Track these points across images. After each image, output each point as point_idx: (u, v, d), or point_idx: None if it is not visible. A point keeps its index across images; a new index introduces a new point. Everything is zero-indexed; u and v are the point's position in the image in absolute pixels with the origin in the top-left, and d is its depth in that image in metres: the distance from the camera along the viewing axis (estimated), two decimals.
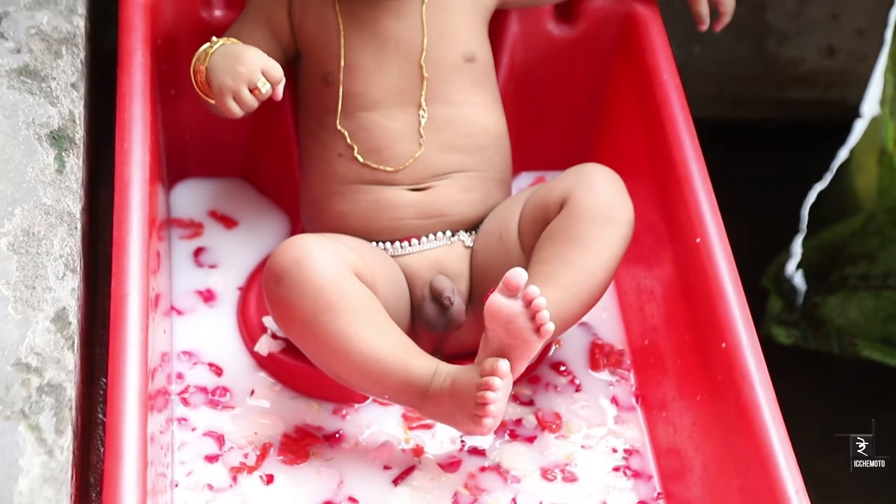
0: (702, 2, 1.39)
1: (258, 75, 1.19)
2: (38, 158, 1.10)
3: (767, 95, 1.89)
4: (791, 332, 1.68)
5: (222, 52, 1.22)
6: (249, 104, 1.19)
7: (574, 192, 1.21)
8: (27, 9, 1.21)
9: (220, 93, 1.20)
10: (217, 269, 1.39)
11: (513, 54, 1.45)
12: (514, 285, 1.11)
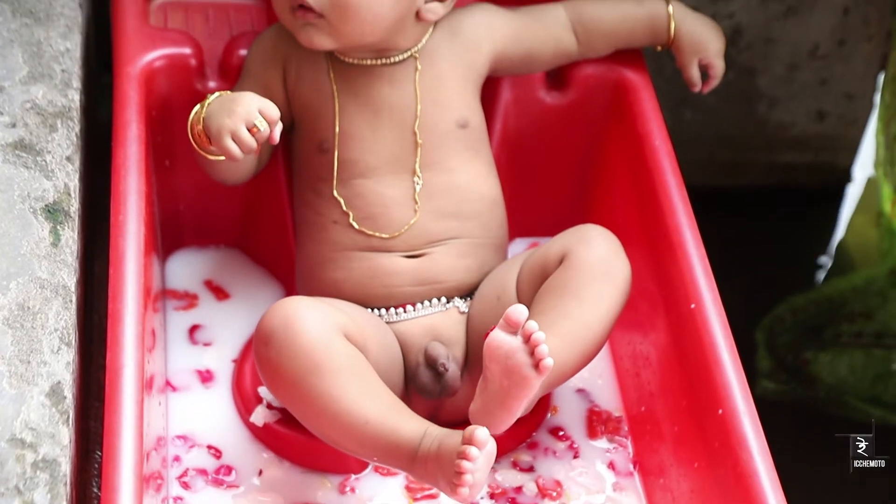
0: (693, 67, 1.41)
1: (255, 114, 1.19)
2: (33, 232, 1.10)
3: (758, 159, 1.90)
4: (781, 387, 1.67)
5: (218, 100, 1.22)
6: (248, 144, 1.19)
7: (573, 249, 1.22)
8: (22, 83, 1.22)
9: (219, 134, 1.20)
10: (212, 347, 1.38)
11: (505, 121, 1.46)
12: (514, 321, 1.11)
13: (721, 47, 1.41)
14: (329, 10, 1.23)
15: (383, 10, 1.24)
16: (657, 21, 1.39)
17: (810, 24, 1.74)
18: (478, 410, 1.15)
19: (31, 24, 1.28)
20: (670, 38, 1.40)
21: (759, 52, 1.76)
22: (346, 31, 1.24)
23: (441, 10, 1.28)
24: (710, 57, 1.40)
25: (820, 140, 1.89)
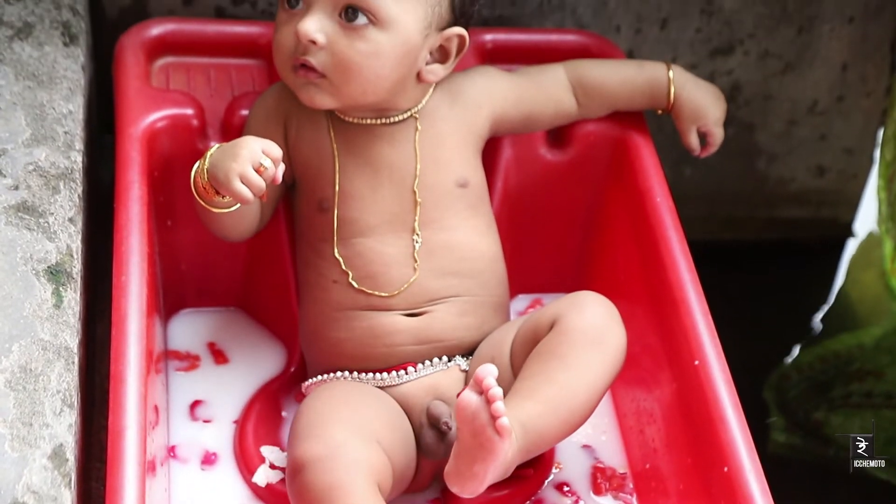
0: (692, 134, 1.41)
1: (260, 154, 1.19)
2: (35, 294, 1.10)
3: (759, 215, 1.90)
4: (794, 444, 1.66)
5: (218, 150, 1.22)
6: (258, 184, 1.19)
7: (565, 314, 1.21)
8: (25, 145, 1.22)
9: (227, 179, 1.19)
10: (213, 423, 1.36)
11: (506, 178, 1.46)
12: (479, 378, 1.11)
13: (721, 116, 1.41)
14: (331, 71, 1.23)
15: (385, 72, 1.24)
16: (657, 86, 1.40)
17: (809, 80, 1.75)
18: (450, 472, 1.15)
19: (34, 86, 1.28)
20: (670, 104, 1.40)
21: (758, 108, 1.77)
22: (347, 91, 1.25)
23: (442, 71, 1.29)
24: (709, 125, 1.41)
25: (820, 195, 1.89)
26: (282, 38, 1.25)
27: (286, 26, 1.24)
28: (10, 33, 1.33)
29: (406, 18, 1.23)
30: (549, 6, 1.61)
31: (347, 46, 1.22)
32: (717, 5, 1.65)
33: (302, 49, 1.22)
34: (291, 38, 1.23)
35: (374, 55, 1.23)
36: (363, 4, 1.21)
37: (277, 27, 1.26)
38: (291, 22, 1.23)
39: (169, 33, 1.44)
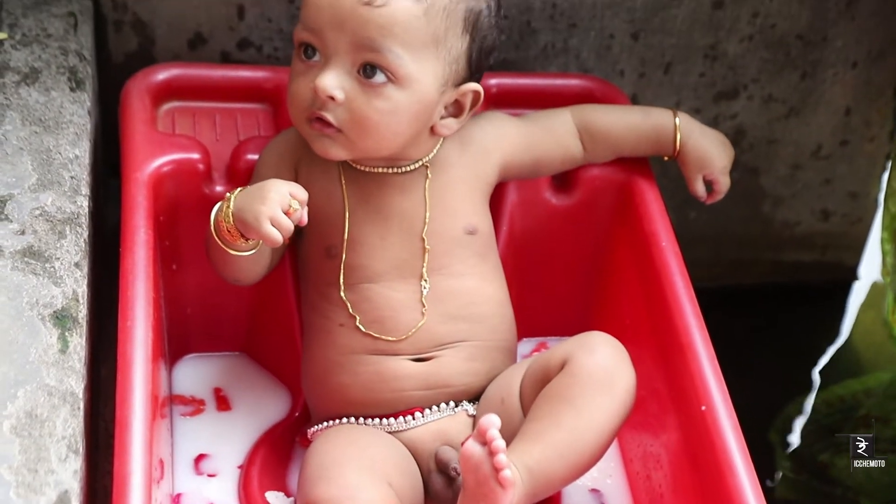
0: (697, 182, 1.42)
1: (288, 196, 1.19)
2: (41, 339, 1.10)
3: (764, 258, 1.90)
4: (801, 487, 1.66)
5: (244, 193, 1.22)
6: (287, 227, 1.19)
7: (575, 356, 1.21)
8: (31, 190, 1.22)
9: (257, 222, 1.18)
10: (216, 479, 1.36)
11: (512, 223, 1.46)
12: (483, 429, 1.10)
13: (727, 164, 1.41)
14: (348, 126, 1.23)
15: (401, 128, 1.24)
16: (663, 133, 1.40)
17: (812, 124, 1.76)
18: None
19: (40, 131, 1.29)
20: (676, 151, 1.40)
21: (762, 152, 1.77)
22: (363, 145, 1.25)
23: (455, 125, 1.29)
24: (714, 173, 1.41)
25: (825, 238, 1.89)
26: (298, 90, 1.24)
27: (303, 78, 1.24)
28: (17, 78, 1.34)
29: (424, 77, 1.23)
30: (553, 50, 1.61)
31: (365, 104, 1.22)
32: (721, 50, 1.65)
33: (319, 104, 1.22)
34: (308, 90, 1.23)
35: (392, 113, 1.23)
36: (383, 63, 1.21)
37: (293, 77, 1.25)
38: (308, 74, 1.23)
39: (174, 78, 1.44)
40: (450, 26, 1.23)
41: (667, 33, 1.63)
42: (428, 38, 1.21)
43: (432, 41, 1.22)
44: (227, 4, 1.52)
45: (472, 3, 1.24)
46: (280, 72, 1.48)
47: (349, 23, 1.19)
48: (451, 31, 1.23)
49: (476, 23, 1.25)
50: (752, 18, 1.63)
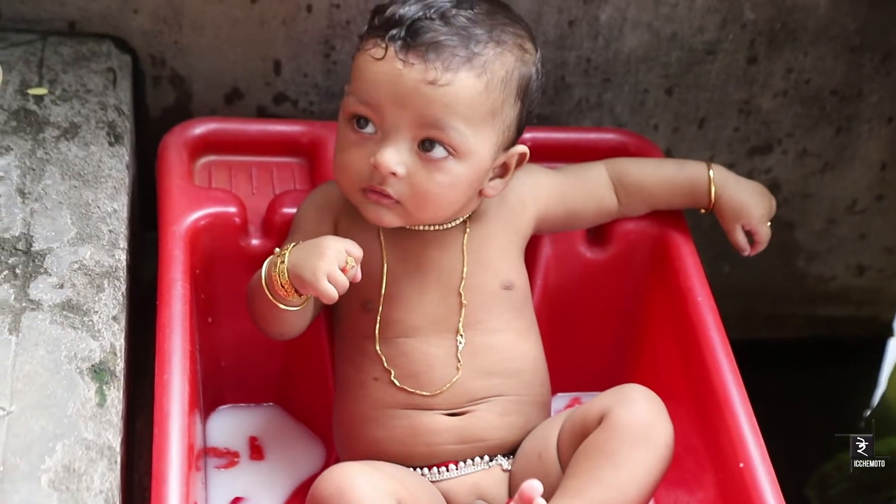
0: (737, 233, 1.41)
1: (345, 254, 1.19)
2: (79, 393, 1.10)
3: (799, 313, 1.89)
4: None
5: (300, 249, 1.21)
6: (344, 284, 1.18)
7: (613, 409, 1.20)
8: (70, 244, 1.23)
9: (314, 278, 1.18)
10: None
11: (546, 277, 1.46)
12: (527, 496, 1.10)
13: (765, 213, 1.41)
14: (408, 199, 1.23)
15: (458, 197, 1.25)
16: (698, 186, 1.40)
17: (848, 179, 1.75)
18: None
19: (79, 186, 1.30)
20: (711, 203, 1.40)
21: (797, 206, 1.77)
22: (419, 216, 1.25)
23: (501, 186, 1.29)
24: (752, 223, 1.40)
25: (860, 294, 1.88)
26: (352, 161, 1.23)
27: (357, 149, 1.23)
28: (56, 133, 1.35)
29: (482, 148, 1.23)
30: (587, 105, 1.62)
31: (427, 179, 1.22)
32: (755, 105, 1.66)
33: (379, 178, 1.22)
34: (364, 164, 1.22)
35: (452, 185, 1.23)
36: (445, 139, 1.21)
37: (345, 146, 1.24)
38: (363, 146, 1.22)
39: (211, 132, 1.45)
40: (506, 97, 1.23)
41: (701, 88, 1.63)
42: (487, 111, 1.22)
43: (490, 113, 1.22)
44: (263, 59, 1.53)
45: (524, 70, 1.25)
46: (316, 126, 1.49)
47: (412, 101, 1.19)
48: (506, 101, 1.24)
49: (527, 88, 1.26)
50: (786, 73, 1.63)
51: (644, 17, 1.55)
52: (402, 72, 1.19)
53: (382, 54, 1.20)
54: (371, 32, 1.23)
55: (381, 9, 1.23)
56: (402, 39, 1.19)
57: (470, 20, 1.21)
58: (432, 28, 1.19)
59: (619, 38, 1.57)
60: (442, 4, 1.21)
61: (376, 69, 1.20)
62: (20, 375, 1.10)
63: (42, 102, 1.39)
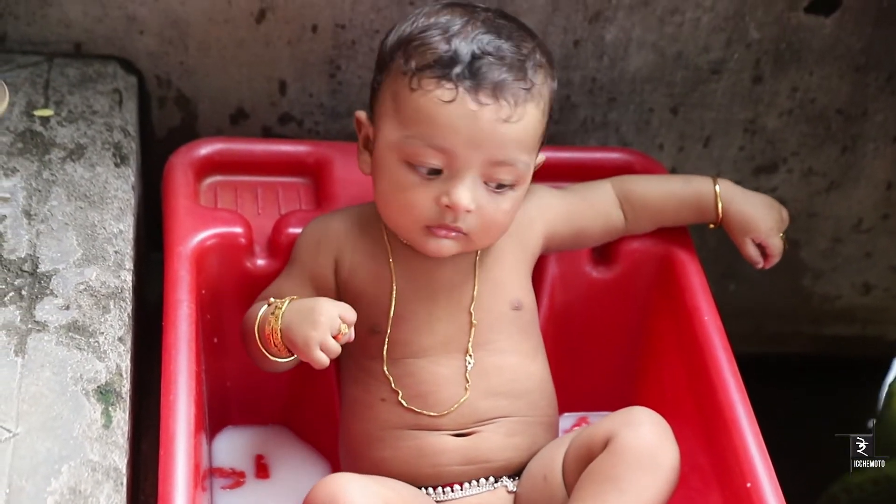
0: (749, 247, 1.41)
1: (338, 321, 1.19)
2: (85, 414, 1.10)
3: (804, 332, 1.89)
4: None
5: (294, 310, 1.21)
6: (335, 351, 1.19)
7: (619, 433, 1.19)
8: (76, 265, 1.23)
9: (306, 346, 1.18)
10: None
11: (552, 296, 1.46)
12: None
13: (773, 225, 1.41)
14: (476, 230, 1.23)
15: (510, 221, 1.26)
16: (704, 201, 1.40)
17: (853, 198, 1.75)
18: None
19: (85, 207, 1.30)
20: (719, 218, 1.40)
21: (803, 225, 1.77)
22: (482, 243, 1.26)
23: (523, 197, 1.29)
24: (761, 237, 1.40)
25: (866, 312, 1.88)
26: (416, 202, 1.22)
27: (421, 189, 1.21)
28: (62, 154, 1.35)
29: (532, 170, 1.25)
30: (592, 124, 1.62)
31: (495, 210, 1.23)
32: (760, 124, 1.66)
33: (452, 217, 1.22)
34: (430, 203, 1.21)
35: (513, 211, 1.25)
36: (512, 172, 1.22)
37: (405, 187, 1.22)
38: (428, 186, 1.21)
39: (217, 153, 1.46)
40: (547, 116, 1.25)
41: (706, 107, 1.63)
42: (540, 136, 1.24)
43: (541, 137, 1.25)
44: (269, 80, 1.54)
45: (552, 85, 1.26)
46: (321, 146, 1.49)
47: (487, 142, 1.19)
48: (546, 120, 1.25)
49: (551, 101, 1.26)
50: (791, 93, 1.64)
51: (649, 37, 1.56)
52: (478, 113, 1.18)
53: (452, 96, 1.18)
54: (425, 72, 1.19)
55: (417, 44, 1.21)
56: (470, 79, 1.18)
57: (516, 48, 1.21)
58: (493, 64, 1.18)
59: (624, 57, 1.57)
60: (482, 34, 1.20)
61: (449, 112, 1.18)
62: (26, 397, 1.10)
63: (48, 124, 1.39)
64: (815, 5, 1.57)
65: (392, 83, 1.22)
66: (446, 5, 1.25)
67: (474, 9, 1.24)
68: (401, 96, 1.20)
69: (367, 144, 1.28)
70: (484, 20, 1.22)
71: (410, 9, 1.49)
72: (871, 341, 1.91)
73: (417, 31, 1.21)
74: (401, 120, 1.21)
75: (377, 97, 1.26)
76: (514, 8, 1.50)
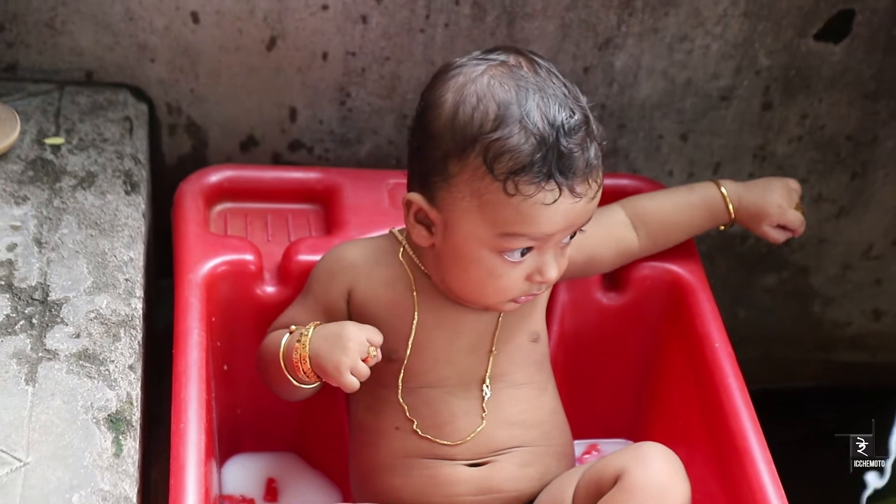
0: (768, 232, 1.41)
1: (367, 345, 1.19)
2: (95, 443, 1.10)
3: (815, 359, 1.89)
4: None
5: (321, 336, 1.22)
6: (365, 374, 1.19)
7: (629, 469, 1.17)
8: (87, 293, 1.23)
9: (337, 371, 1.19)
10: None
11: (563, 323, 1.46)
12: None
13: (783, 203, 1.40)
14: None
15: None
16: (713, 204, 1.40)
17: (863, 224, 1.75)
18: None
19: (96, 234, 1.30)
20: (731, 218, 1.40)
21: (812, 251, 1.77)
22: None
23: None
24: (776, 220, 1.40)
25: (877, 339, 1.88)
26: (511, 285, 1.21)
27: (513, 272, 1.20)
28: (73, 182, 1.36)
29: None
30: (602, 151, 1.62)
31: (564, 264, 1.23)
32: (770, 150, 1.66)
33: (538, 287, 1.23)
34: (521, 281, 1.21)
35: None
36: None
37: (498, 274, 1.20)
38: (520, 267, 1.20)
39: (227, 180, 1.46)
40: None
41: (716, 134, 1.63)
42: None
43: None
44: (279, 107, 1.54)
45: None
46: (331, 172, 1.49)
47: (581, 219, 1.19)
48: None
49: None
50: (800, 120, 1.64)
51: (659, 64, 1.56)
52: (576, 206, 1.17)
53: (555, 198, 1.16)
54: (521, 177, 1.15)
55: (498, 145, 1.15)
56: (565, 175, 1.15)
57: (580, 107, 1.19)
58: (578, 145, 1.16)
59: (633, 84, 1.57)
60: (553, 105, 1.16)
61: (552, 212, 1.16)
62: (36, 426, 1.09)
63: (59, 152, 1.40)
64: (825, 33, 1.57)
65: (473, 182, 1.17)
66: (486, 68, 1.19)
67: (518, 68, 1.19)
68: (492, 199, 1.16)
69: (422, 220, 1.24)
70: (537, 84, 1.17)
71: (421, 37, 1.50)
72: (881, 368, 1.90)
73: (489, 125, 1.15)
74: (494, 220, 1.17)
75: (447, 189, 1.19)
76: (525, 35, 1.51)
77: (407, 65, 1.52)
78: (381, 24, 1.49)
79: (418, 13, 1.48)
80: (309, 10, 1.47)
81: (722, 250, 1.74)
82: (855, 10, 1.56)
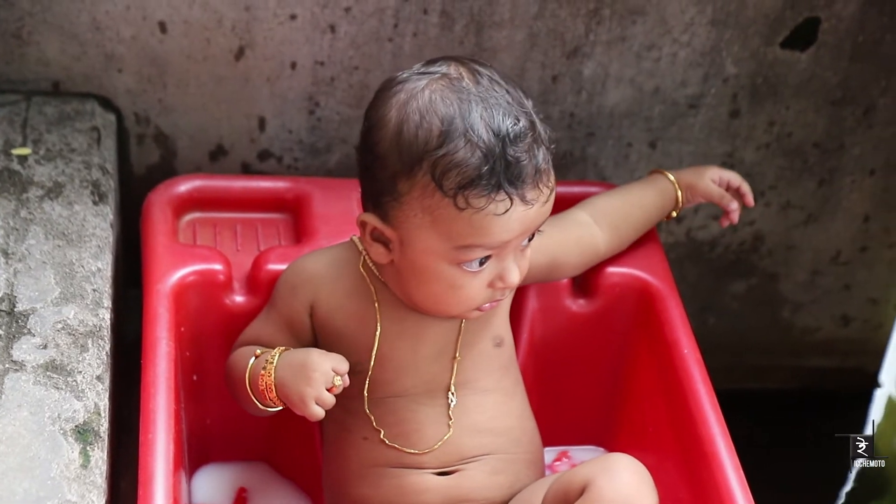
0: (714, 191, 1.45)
1: (332, 375, 1.19)
2: (63, 454, 1.09)
3: (784, 364, 1.89)
4: None
5: (286, 364, 1.22)
6: (330, 402, 1.19)
7: (595, 481, 1.16)
8: (54, 304, 1.23)
9: (302, 402, 1.19)
10: None
11: (532, 330, 1.46)
12: None
13: (712, 174, 1.45)
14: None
15: None
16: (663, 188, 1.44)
17: (831, 230, 1.76)
18: None
19: (63, 245, 1.30)
20: (679, 202, 1.44)
21: (781, 258, 1.77)
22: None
23: None
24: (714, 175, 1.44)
25: (846, 345, 1.88)
26: (473, 294, 1.21)
27: (473, 282, 1.20)
28: (40, 193, 1.35)
29: None
30: (571, 159, 1.63)
31: (524, 266, 1.23)
32: (738, 158, 1.67)
33: (501, 293, 1.23)
34: (482, 290, 1.21)
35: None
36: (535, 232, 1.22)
37: (459, 286, 1.20)
38: (481, 276, 1.20)
39: (196, 189, 1.46)
40: None
41: (684, 141, 1.64)
42: None
43: None
44: (248, 116, 1.54)
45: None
46: (300, 182, 1.49)
47: (535, 223, 1.20)
48: None
49: None
50: (768, 127, 1.64)
51: (627, 73, 1.56)
52: (529, 212, 1.17)
53: (507, 207, 1.16)
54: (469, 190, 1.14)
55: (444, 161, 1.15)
56: (513, 185, 1.15)
57: (525, 113, 1.18)
58: (531, 158, 1.16)
59: (602, 92, 1.58)
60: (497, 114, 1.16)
61: (505, 221, 1.16)
62: (3, 438, 1.09)
63: (26, 162, 1.39)
64: (792, 40, 1.58)
65: (423, 199, 1.16)
66: (427, 83, 1.18)
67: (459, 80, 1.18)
68: (444, 214, 1.16)
69: (378, 238, 1.23)
70: (479, 95, 1.16)
71: (389, 46, 1.50)
72: (850, 373, 1.91)
73: (434, 141, 1.15)
74: (448, 234, 1.17)
75: (399, 207, 1.18)
76: (493, 44, 1.51)
77: (376, 74, 1.52)
78: (350, 33, 1.49)
79: (386, 22, 1.49)
80: (277, 19, 1.47)
81: (691, 257, 1.75)
82: (821, 18, 1.57)
